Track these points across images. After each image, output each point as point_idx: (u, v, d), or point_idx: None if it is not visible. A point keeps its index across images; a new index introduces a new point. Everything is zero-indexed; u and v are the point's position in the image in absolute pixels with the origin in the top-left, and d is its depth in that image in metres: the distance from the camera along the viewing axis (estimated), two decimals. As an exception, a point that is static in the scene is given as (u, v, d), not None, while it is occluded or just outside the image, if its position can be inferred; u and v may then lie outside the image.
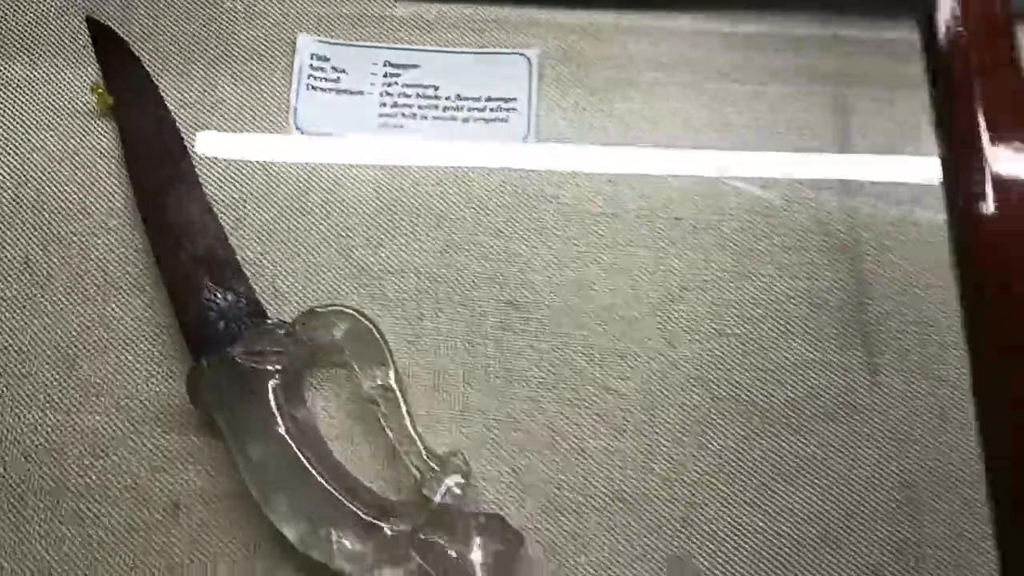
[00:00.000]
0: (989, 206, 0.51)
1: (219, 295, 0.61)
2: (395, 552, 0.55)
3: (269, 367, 0.57)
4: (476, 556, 0.55)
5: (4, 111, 0.67)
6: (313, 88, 0.69)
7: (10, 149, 0.66)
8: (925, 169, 0.67)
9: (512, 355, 0.63)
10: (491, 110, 0.69)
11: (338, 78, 0.69)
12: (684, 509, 0.60)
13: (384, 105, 0.68)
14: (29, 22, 0.70)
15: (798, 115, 0.70)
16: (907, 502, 0.60)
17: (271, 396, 0.57)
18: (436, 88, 0.69)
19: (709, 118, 0.70)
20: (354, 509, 0.55)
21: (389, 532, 0.55)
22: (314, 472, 0.55)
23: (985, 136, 0.53)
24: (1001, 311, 0.50)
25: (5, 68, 0.69)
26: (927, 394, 0.62)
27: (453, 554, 0.55)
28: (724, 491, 0.60)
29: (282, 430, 0.56)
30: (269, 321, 0.60)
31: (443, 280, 0.64)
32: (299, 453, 0.56)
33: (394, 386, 0.59)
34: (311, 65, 0.69)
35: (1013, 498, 0.48)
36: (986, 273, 0.51)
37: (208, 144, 0.67)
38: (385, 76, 0.69)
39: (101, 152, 0.67)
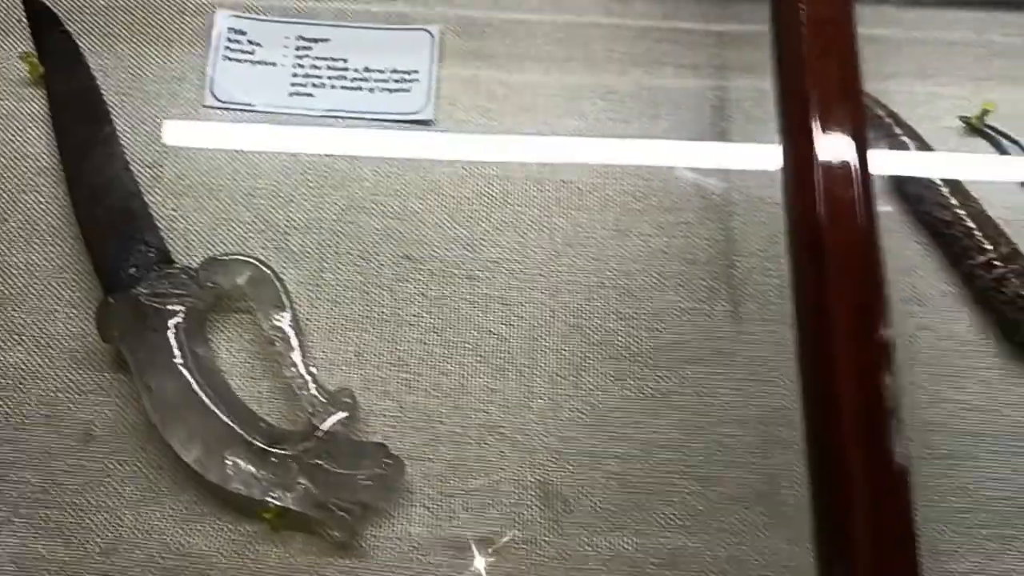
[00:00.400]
0: (818, 191, 0.57)
1: (131, 244, 0.66)
2: (285, 476, 0.60)
3: (171, 307, 0.62)
4: (358, 479, 0.60)
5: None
6: (229, 60, 0.74)
7: (-53, 113, 0.72)
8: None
9: (404, 303, 0.68)
10: (395, 81, 0.74)
11: (253, 51, 0.74)
12: (557, 442, 0.64)
13: (296, 76, 0.74)
14: (-33, -2, 0.75)
15: (680, 97, 0.75)
16: (762, 437, 0.65)
17: (171, 333, 0.62)
18: (345, 60, 0.74)
19: (598, 95, 0.75)
20: (246, 436, 0.60)
21: (279, 457, 0.60)
22: (208, 402, 0.60)
23: (816, 124, 0.58)
24: (819, 286, 0.55)
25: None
26: (785, 341, 0.67)
27: (336, 477, 0.60)
28: (594, 426, 0.65)
29: (180, 363, 0.61)
30: (175, 266, 0.65)
31: (344, 235, 0.70)
32: (195, 384, 0.61)
33: (289, 328, 0.64)
34: (228, 39, 0.74)
35: (818, 446, 0.53)
36: (810, 251, 0.57)
37: (133, 113, 0.72)
38: (297, 49, 0.75)
39: (31, 116, 0.72)
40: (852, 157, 0.57)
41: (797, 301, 0.56)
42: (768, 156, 0.71)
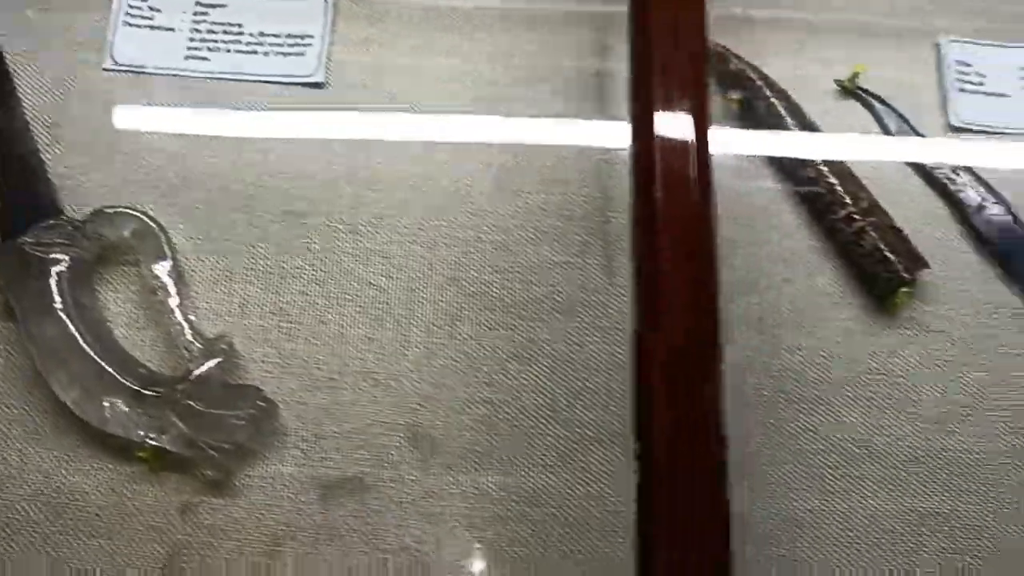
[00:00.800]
0: (656, 167, 0.58)
1: (25, 198, 0.67)
2: (160, 417, 0.61)
3: (55, 256, 0.64)
4: (230, 419, 0.62)
5: None
6: (129, 25, 0.75)
7: None
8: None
9: (289, 256, 0.69)
10: (288, 45, 0.75)
11: (152, 16, 0.76)
12: (429, 388, 0.66)
13: (192, 40, 0.75)
14: None
15: (567, 69, 0.76)
16: (625, 383, 0.66)
17: (53, 281, 0.63)
18: (240, 25, 0.76)
19: (488, 63, 0.76)
20: (123, 380, 0.62)
21: (154, 399, 0.62)
22: (87, 347, 0.62)
23: (658, 103, 0.60)
24: (654, 259, 0.57)
25: None
26: (653, 292, 0.69)
27: (208, 417, 0.61)
28: (466, 373, 0.67)
29: (60, 310, 0.63)
30: (62, 218, 0.66)
31: (232, 192, 0.71)
32: (75, 330, 0.62)
33: (168, 277, 0.65)
34: (129, 4, 0.76)
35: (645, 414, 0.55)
36: (646, 225, 0.58)
37: (35, 74, 0.74)
38: (195, 15, 0.76)
39: (-66, 78, 0.73)
40: (691, 134, 0.58)
41: (635, 272, 0.57)
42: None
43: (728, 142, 0.73)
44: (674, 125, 0.57)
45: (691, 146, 0.57)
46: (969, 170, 0.72)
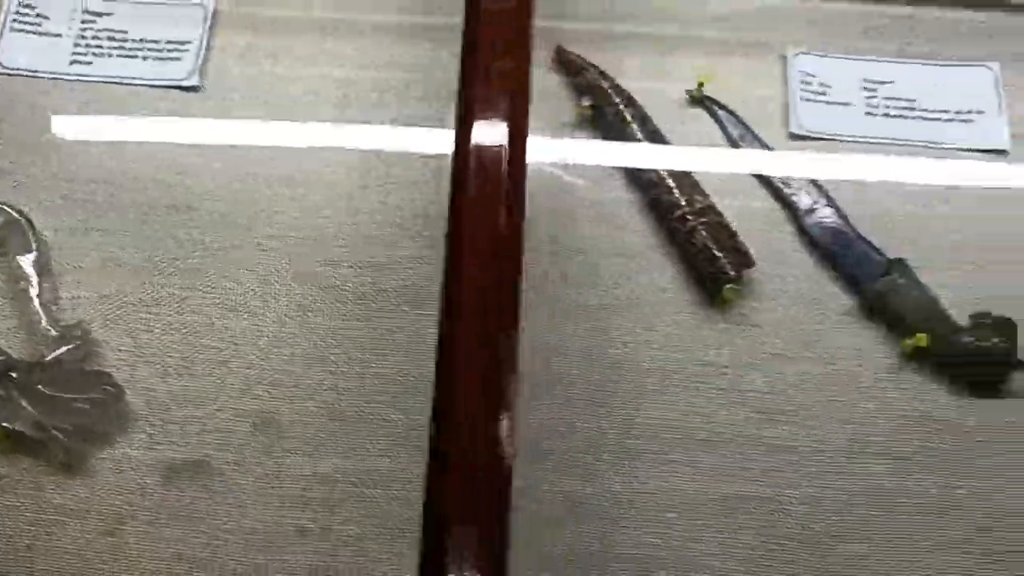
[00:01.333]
0: (470, 157, 0.58)
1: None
2: (9, 400, 0.61)
3: (-81, 247, 0.64)
4: (76, 403, 0.61)
5: None
6: (17, 31, 0.75)
7: None
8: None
9: (155, 250, 0.69)
10: (168, 51, 0.75)
11: (40, 23, 0.76)
12: (278, 376, 0.66)
13: (78, 46, 0.75)
14: None
15: (428, 82, 0.76)
16: (465, 372, 0.65)
17: (-84, 269, 0.63)
18: (125, 32, 0.76)
19: (359, 68, 0.76)
20: (-23, 365, 0.61)
21: (5, 383, 0.61)
22: (-56, 333, 0.62)
23: (478, 105, 0.59)
24: (472, 234, 0.56)
25: None
26: (498, 286, 0.68)
27: (56, 401, 0.61)
28: (315, 362, 0.66)
29: (-81, 296, 0.62)
30: (-71, 212, 0.66)
31: (106, 189, 0.71)
32: (-68, 316, 0.62)
33: (31, 268, 0.65)
34: (17, 12, 0.76)
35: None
36: (454, 233, 0.58)
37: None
38: (83, 22, 0.76)
39: None
40: (504, 147, 0.58)
41: (444, 269, 0.57)
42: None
43: (578, 148, 0.73)
44: (489, 132, 0.57)
45: (504, 151, 0.56)
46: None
